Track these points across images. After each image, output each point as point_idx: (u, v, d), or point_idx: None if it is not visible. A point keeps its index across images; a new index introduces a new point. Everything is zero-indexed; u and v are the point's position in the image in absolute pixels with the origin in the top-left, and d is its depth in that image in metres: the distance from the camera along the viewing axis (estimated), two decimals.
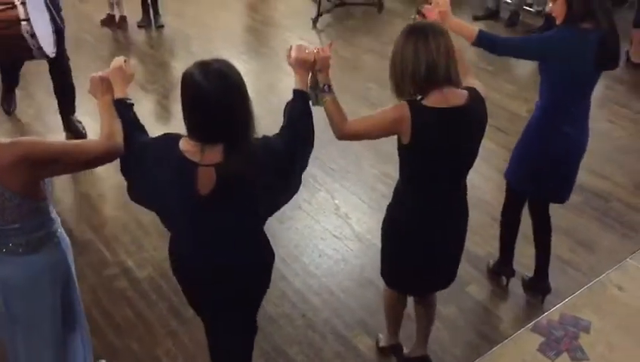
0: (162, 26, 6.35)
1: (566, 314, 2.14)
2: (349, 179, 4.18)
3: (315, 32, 6.36)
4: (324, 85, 2.22)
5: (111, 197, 3.96)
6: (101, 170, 4.11)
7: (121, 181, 2.13)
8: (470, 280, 3.30)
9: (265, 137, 2.02)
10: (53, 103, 4.55)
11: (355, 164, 4.30)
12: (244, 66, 5.38)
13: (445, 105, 2.16)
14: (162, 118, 4.91)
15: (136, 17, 6.35)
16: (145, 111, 4.69)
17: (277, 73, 5.54)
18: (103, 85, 2.13)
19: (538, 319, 2.14)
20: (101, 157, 2.03)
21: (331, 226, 3.76)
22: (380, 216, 3.82)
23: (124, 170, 2.10)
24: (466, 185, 2.40)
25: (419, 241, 2.40)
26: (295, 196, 2.17)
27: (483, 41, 2.70)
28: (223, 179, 1.89)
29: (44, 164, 1.93)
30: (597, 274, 2.66)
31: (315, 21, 6.35)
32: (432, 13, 2.55)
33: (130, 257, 3.50)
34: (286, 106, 2.16)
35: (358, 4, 6.80)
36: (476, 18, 6.52)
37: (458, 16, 2.72)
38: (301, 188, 2.17)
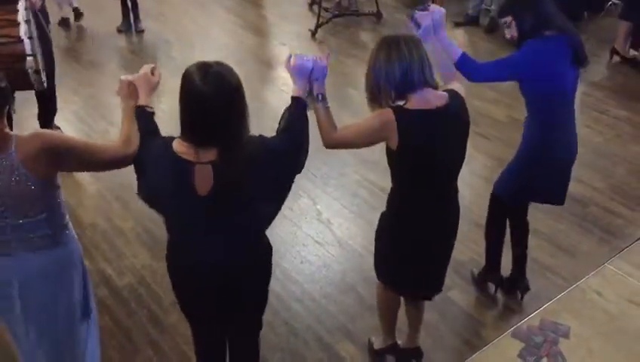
0: (142, 31, 6.31)
1: (546, 320, 2.15)
2: (331, 185, 4.18)
3: (314, 42, 6.35)
4: (318, 94, 2.25)
5: (90, 205, 3.91)
6: (80, 178, 4.08)
7: (99, 188, 2.14)
8: (452, 286, 3.31)
9: (261, 136, 2.03)
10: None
11: (337, 170, 4.30)
12: None
13: (428, 106, 2.21)
14: None
15: (116, 22, 6.30)
16: None
17: (260, 79, 5.54)
18: (129, 89, 2.17)
19: (518, 324, 2.15)
20: (117, 161, 2.10)
21: (313, 232, 3.76)
22: (362, 221, 3.86)
23: (136, 171, 2.11)
24: (457, 187, 2.44)
25: (412, 244, 2.43)
26: None
27: (460, 67, 2.70)
28: (220, 177, 1.90)
29: (65, 155, 2.02)
30: (577, 278, 2.68)
31: (313, 32, 6.35)
32: (425, 21, 2.55)
33: (109, 265, 3.46)
34: (284, 113, 2.17)
35: (356, 14, 6.78)
36: (457, 24, 6.58)
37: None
38: None
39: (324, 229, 3.79)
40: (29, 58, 3.26)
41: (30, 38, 3.27)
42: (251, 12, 7.12)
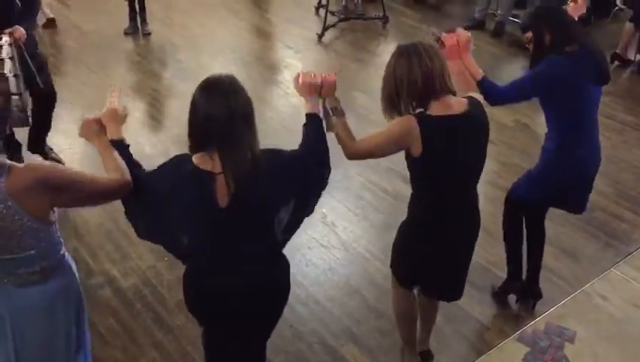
0: (149, 34, 6.34)
1: (551, 324, 2.15)
2: (336, 188, 4.17)
3: (321, 46, 6.35)
4: (333, 108, 2.26)
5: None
6: None
7: None
8: None
9: (277, 149, 2.03)
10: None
11: (342, 172, 4.30)
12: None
13: (449, 112, 2.22)
14: (150, 126, 4.89)
15: (123, 25, 6.33)
16: (133, 119, 4.66)
17: (265, 83, 5.55)
18: (97, 127, 2.11)
19: (524, 328, 2.15)
20: (114, 192, 2.00)
21: (318, 235, 3.76)
22: (367, 224, 3.86)
23: (130, 211, 2.07)
24: (477, 195, 2.45)
25: (436, 249, 2.43)
26: None
27: (484, 87, 2.66)
28: (235, 185, 1.89)
29: (61, 189, 1.91)
30: (581, 283, 2.68)
31: (320, 36, 6.36)
32: (450, 41, 2.54)
33: (114, 266, 3.47)
34: (302, 128, 2.17)
35: (362, 18, 6.76)
36: (464, 28, 6.57)
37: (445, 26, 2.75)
38: None
39: (329, 232, 3.79)
40: (14, 97, 3.13)
41: (15, 75, 3.14)
42: (257, 15, 7.14)
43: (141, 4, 6.29)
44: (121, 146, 2.10)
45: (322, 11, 6.61)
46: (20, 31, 3.44)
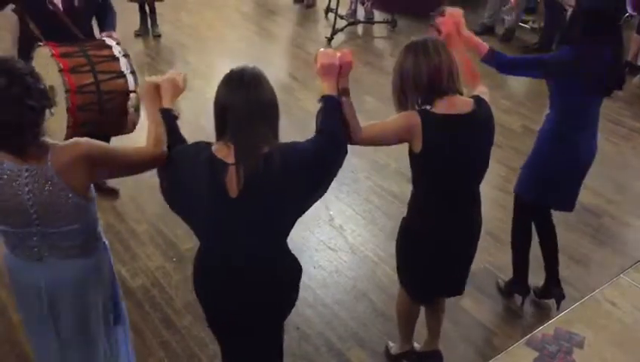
0: (159, 36, 6.37)
1: (560, 329, 2.14)
2: (344, 191, 4.18)
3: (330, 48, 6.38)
4: (342, 89, 2.20)
5: (105, 206, 3.94)
6: None
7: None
8: (464, 294, 3.28)
9: (292, 142, 2.02)
10: None
11: (350, 175, 4.31)
12: None
13: (453, 111, 2.22)
14: None
15: (134, 27, 6.36)
16: (141, 119, 4.69)
17: (274, 84, 5.55)
18: (154, 93, 2.16)
19: (532, 333, 2.15)
20: (148, 163, 2.07)
21: (325, 237, 3.76)
22: (374, 228, 3.86)
23: (161, 173, 2.10)
24: (479, 194, 2.45)
25: (435, 248, 2.44)
26: None
27: (494, 58, 2.72)
28: (245, 176, 1.90)
29: (101, 163, 2.00)
30: (590, 289, 2.68)
31: (329, 39, 6.38)
32: (446, 25, 2.52)
33: (123, 266, 3.48)
34: (317, 114, 2.13)
35: (371, 22, 6.77)
36: (473, 33, 6.58)
37: None
38: None
39: (336, 235, 3.79)
40: (132, 95, 3.05)
41: (132, 72, 3.08)
42: (267, 18, 7.17)
43: (151, 7, 6.33)
44: (169, 116, 2.13)
45: (331, 15, 6.64)
46: (116, 34, 3.49)
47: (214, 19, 6.95)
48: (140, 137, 2.16)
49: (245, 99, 1.91)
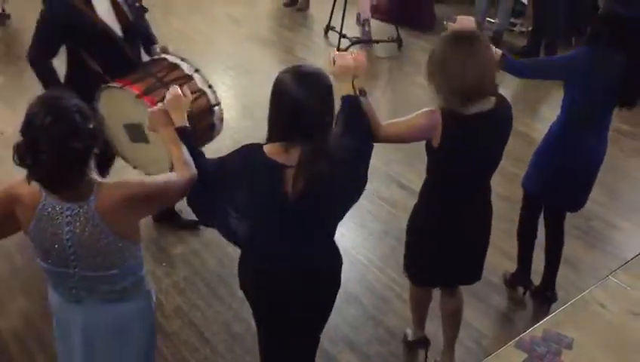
0: None
1: (549, 331, 2.15)
2: None
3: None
4: (359, 90, 2.20)
5: None
6: None
7: None
8: None
9: (336, 142, 1.99)
10: None
11: None
12: (231, 81, 5.41)
13: (476, 110, 2.20)
14: None
15: None
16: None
17: (263, 89, 5.54)
18: (165, 118, 2.12)
19: (521, 335, 2.15)
20: (184, 189, 1.99)
21: None
22: (365, 232, 3.86)
23: (194, 197, 2.06)
24: (490, 186, 2.46)
25: (442, 237, 2.46)
26: None
27: (507, 66, 2.71)
28: (309, 180, 1.88)
29: (145, 203, 1.92)
30: (579, 290, 2.69)
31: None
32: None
33: None
34: (338, 115, 2.10)
35: (376, 41, 6.55)
36: None
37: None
38: None
39: None
40: (216, 108, 3.05)
41: (210, 86, 3.07)
42: (257, 22, 7.17)
43: None
44: (187, 134, 2.10)
45: (331, 34, 6.53)
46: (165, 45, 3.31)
47: (203, 23, 6.95)
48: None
49: (322, 100, 1.88)
